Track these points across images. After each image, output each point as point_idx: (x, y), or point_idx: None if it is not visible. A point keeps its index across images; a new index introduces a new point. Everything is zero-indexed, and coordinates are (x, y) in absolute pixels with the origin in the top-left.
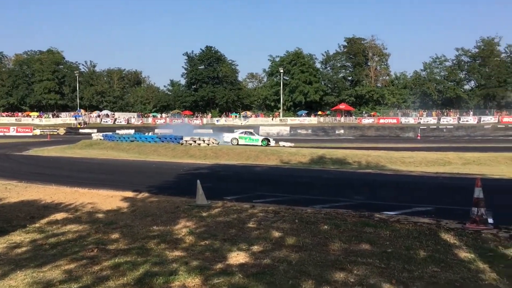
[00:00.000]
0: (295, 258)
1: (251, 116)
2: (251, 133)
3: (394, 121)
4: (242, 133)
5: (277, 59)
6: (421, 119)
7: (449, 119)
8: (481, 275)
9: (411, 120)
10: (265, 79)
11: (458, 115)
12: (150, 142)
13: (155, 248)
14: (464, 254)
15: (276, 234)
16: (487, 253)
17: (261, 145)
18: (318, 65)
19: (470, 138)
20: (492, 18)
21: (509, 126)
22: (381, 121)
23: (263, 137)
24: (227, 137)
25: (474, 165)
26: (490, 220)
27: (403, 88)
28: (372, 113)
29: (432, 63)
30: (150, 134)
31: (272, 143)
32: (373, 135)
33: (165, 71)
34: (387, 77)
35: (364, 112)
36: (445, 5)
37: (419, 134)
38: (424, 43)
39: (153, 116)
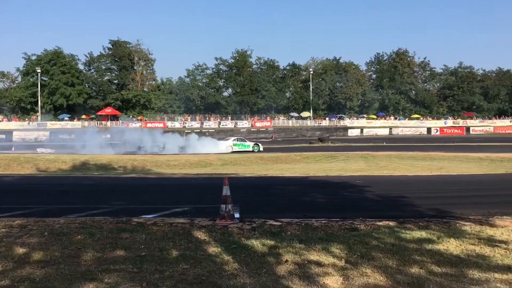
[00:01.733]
0: (40, 274)
1: (2, 120)
2: (243, 140)
3: (161, 125)
4: (235, 140)
5: (34, 58)
6: (186, 123)
7: (211, 123)
8: (225, 267)
9: (177, 124)
10: (19, 79)
11: (218, 120)
12: None
13: None
14: (212, 249)
15: (20, 250)
16: (232, 245)
17: (253, 151)
18: (81, 67)
19: None
20: (245, 31)
21: (261, 129)
22: (148, 125)
23: (254, 143)
24: (223, 144)
25: (231, 165)
26: (237, 215)
27: (169, 93)
28: (139, 117)
29: (195, 70)
30: None
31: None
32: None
33: None
34: (154, 82)
35: (131, 116)
36: (204, 17)
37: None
38: (188, 51)
39: None
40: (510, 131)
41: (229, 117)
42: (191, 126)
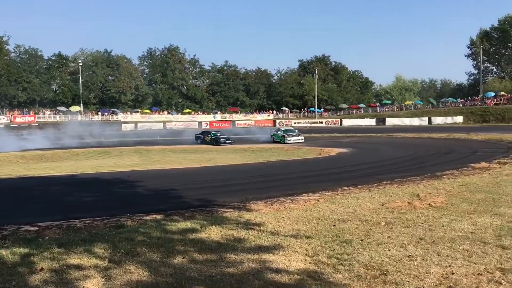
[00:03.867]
0: None
1: None
2: (278, 130)
3: None
4: (275, 131)
5: None
6: None
7: None
8: None
9: None
10: None
11: None
12: None
13: None
14: None
15: None
16: None
17: (279, 141)
18: None
19: None
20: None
21: (22, 125)
22: None
23: (282, 134)
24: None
25: None
26: None
27: None
28: None
29: None
30: None
31: (293, 138)
32: None
33: None
34: None
35: None
36: None
37: None
38: None
39: None
40: (267, 124)
41: None
42: None
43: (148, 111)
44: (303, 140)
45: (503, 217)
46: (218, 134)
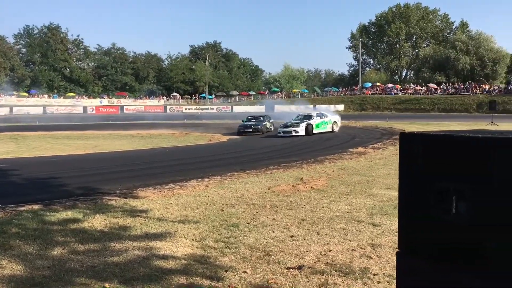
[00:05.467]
0: None
1: None
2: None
3: None
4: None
5: None
6: None
7: None
8: None
9: None
10: None
11: None
12: None
13: None
14: None
15: None
16: None
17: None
18: None
19: None
20: None
21: None
22: None
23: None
24: None
25: None
26: None
27: None
28: None
29: None
30: None
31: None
32: None
33: None
34: None
35: None
36: None
37: None
38: None
39: None
40: (158, 110)
41: None
42: None
43: (25, 94)
44: (297, 134)
45: (375, 197)
46: (253, 121)
